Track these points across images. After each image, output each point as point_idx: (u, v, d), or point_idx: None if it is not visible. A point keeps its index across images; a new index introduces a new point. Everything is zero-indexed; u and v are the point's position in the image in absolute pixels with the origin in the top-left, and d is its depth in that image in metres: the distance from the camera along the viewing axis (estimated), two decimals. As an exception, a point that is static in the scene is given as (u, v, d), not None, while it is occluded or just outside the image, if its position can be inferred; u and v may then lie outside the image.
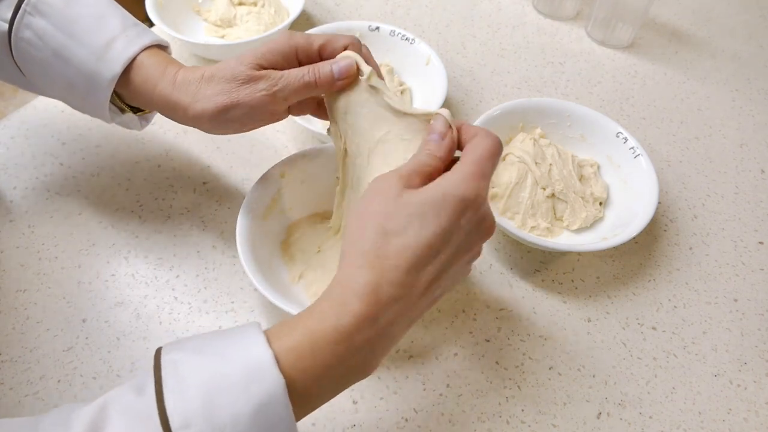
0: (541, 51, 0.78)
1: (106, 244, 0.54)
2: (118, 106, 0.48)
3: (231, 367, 0.30)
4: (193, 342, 0.32)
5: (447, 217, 0.33)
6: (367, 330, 0.32)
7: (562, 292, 0.55)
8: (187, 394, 0.29)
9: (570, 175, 0.58)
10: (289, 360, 0.31)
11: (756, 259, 0.59)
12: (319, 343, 0.31)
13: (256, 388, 0.29)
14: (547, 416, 0.47)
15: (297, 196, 0.54)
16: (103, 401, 0.29)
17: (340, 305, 0.32)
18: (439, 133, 0.38)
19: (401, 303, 0.33)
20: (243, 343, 0.31)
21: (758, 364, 0.51)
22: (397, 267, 0.32)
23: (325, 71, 0.42)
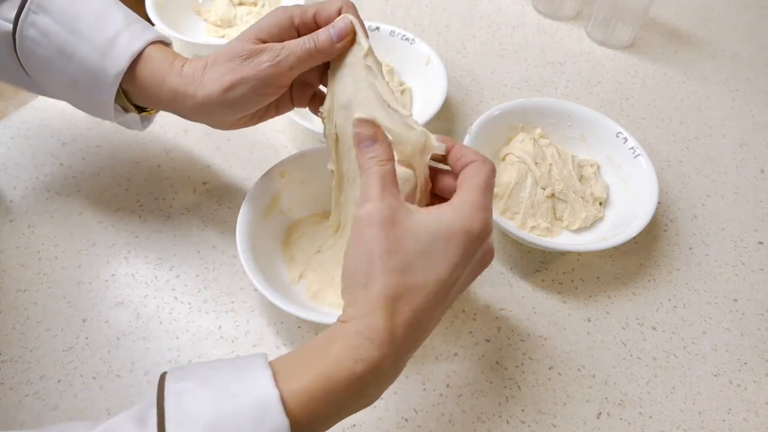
0: (541, 51, 0.78)
1: (106, 244, 0.54)
2: (122, 105, 0.48)
3: (236, 404, 0.29)
4: (198, 372, 0.32)
5: (455, 253, 0.33)
6: (380, 373, 0.32)
7: (562, 292, 0.55)
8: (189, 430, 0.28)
9: (570, 175, 0.58)
10: (299, 401, 0.30)
11: (756, 259, 0.59)
12: (333, 389, 0.31)
13: (260, 429, 0.29)
14: (547, 416, 0.47)
15: (297, 196, 0.54)
16: (105, 429, 0.29)
17: (357, 351, 0.32)
18: (369, 137, 0.38)
19: (414, 341, 0.34)
20: (250, 380, 0.31)
21: (758, 364, 0.51)
22: (409, 307, 0.33)
23: (324, 35, 0.42)
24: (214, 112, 0.45)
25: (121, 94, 0.46)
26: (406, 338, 0.33)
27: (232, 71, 0.42)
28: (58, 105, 0.65)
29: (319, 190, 0.54)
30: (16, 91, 1.75)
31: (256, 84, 0.42)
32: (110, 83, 0.44)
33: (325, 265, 0.51)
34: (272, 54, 0.42)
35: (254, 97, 0.43)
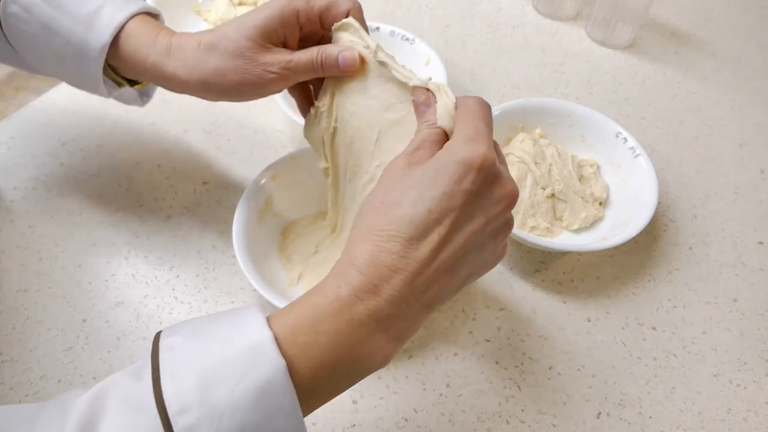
0: (541, 51, 0.78)
1: (107, 244, 0.54)
2: (113, 79, 0.47)
3: (229, 350, 0.29)
4: (191, 326, 0.31)
5: (444, 181, 0.32)
6: (369, 300, 0.31)
7: (562, 292, 0.55)
8: (184, 380, 0.28)
9: (570, 175, 0.58)
10: (289, 336, 0.30)
11: (756, 259, 0.59)
12: (320, 316, 0.30)
13: (255, 372, 0.28)
14: (547, 416, 0.47)
15: (290, 198, 0.54)
16: (101, 388, 0.29)
17: (340, 277, 0.32)
18: (423, 103, 0.37)
19: (404, 273, 0.31)
20: (241, 326, 0.30)
21: (758, 364, 0.51)
22: (394, 237, 0.31)
23: (332, 57, 0.41)
24: (208, 97, 0.44)
25: (109, 69, 0.45)
26: (394, 268, 0.31)
27: (236, 70, 0.41)
28: (58, 105, 0.65)
29: (311, 191, 0.54)
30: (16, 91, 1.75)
31: (258, 88, 0.42)
32: (95, 57, 0.43)
33: (323, 265, 0.51)
34: (279, 66, 0.41)
35: (251, 96, 0.43)
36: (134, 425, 0.27)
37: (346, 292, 0.31)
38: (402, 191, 0.32)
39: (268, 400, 0.28)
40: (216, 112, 0.66)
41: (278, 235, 0.53)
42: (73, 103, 0.65)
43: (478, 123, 0.34)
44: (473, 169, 0.32)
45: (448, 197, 0.32)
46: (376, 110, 0.42)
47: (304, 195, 0.54)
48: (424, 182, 0.32)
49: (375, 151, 0.43)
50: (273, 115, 0.66)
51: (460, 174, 0.32)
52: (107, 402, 0.28)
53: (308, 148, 0.54)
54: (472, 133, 0.33)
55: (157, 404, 0.27)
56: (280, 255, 0.52)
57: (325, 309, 0.30)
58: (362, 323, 0.31)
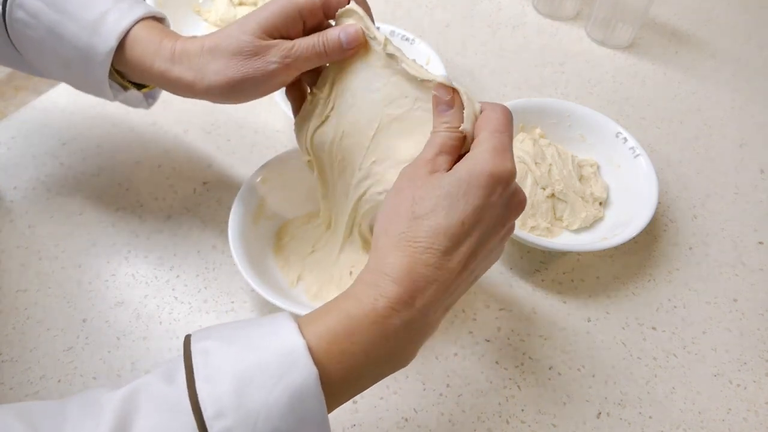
0: (541, 51, 0.78)
1: (107, 243, 0.54)
2: (119, 83, 0.47)
3: (263, 356, 0.29)
4: (222, 331, 0.32)
5: (476, 194, 0.33)
6: (404, 313, 0.32)
7: (562, 292, 0.55)
8: (219, 384, 0.28)
9: (570, 175, 0.58)
10: (323, 344, 0.30)
11: (756, 259, 0.59)
12: (355, 326, 0.31)
13: (288, 379, 0.28)
14: (547, 416, 0.47)
15: (280, 200, 0.54)
16: (134, 388, 0.29)
17: (375, 288, 0.32)
18: (446, 103, 0.37)
19: (436, 285, 0.32)
20: (274, 332, 0.31)
21: (758, 364, 0.51)
22: (429, 248, 0.32)
23: (333, 39, 0.41)
24: (215, 100, 0.44)
25: (115, 72, 0.45)
26: (428, 277, 0.32)
27: (237, 67, 0.41)
28: (58, 105, 0.65)
29: (301, 191, 0.54)
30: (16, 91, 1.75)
31: (261, 82, 0.42)
32: (101, 62, 0.43)
33: (321, 263, 0.51)
34: (280, 55, 0.41)
35: (257, 93, 0.43)
36: (168, 426, 0.28)
37: (383, 304, 0.31)
38: (433, 201, 0.33)
39: (300, 406, 0.28)
40: (216, 112, 0.66)
41: (272, 239, 0.53)
42: (73, 103, 0.65)
43: (505, 136, 0.35)
44: (502, 183, 0.33)
45: (480, 210, 0.33)
46: (377, 104, 0.41)
47: (295, 196, 0.54)
48: (456, 193, 0.33)
49: (370, 146, 0.42)
50: (273, 115, 0.66)
51: (491, 188, 0.33)
52: (140, 402, 0.28)
53: (295, 149, 0.54)
54: (499, 145, 0.34)
55: (192, 407, 0.28)
56: (276, 257, 0.52)
57: (361, 320, 0.31)
58: (396, 333, 0.32)
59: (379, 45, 0.40)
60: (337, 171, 0.46)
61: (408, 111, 0.40)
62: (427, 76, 0.38)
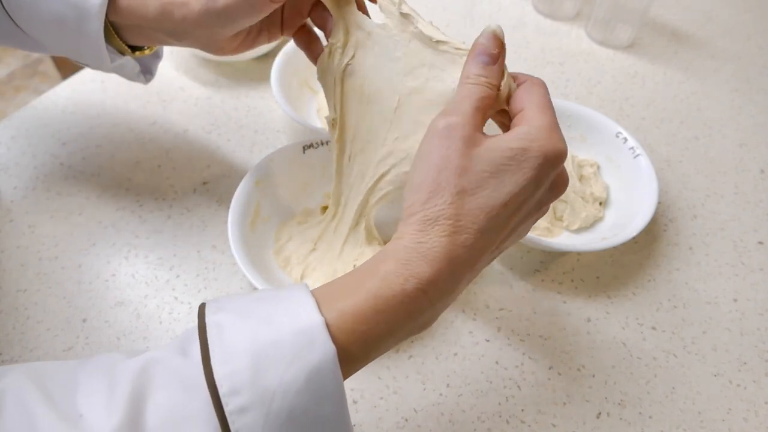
0: (541, 51, 0.78)
1: (107, 244, 0.54)
2: (116, 46, 0.45)
3: (280, 333, 0.28)
4: (237, 303, 0.31)
5: (526, 175, 0.31)
6: (432, 293, 0.31)
7: (562, 292, 0.55)
8: (235, 362, 0.27)
9: (570, 175, 0.58)
10: (347, 323, 0.29)
11: (756, 259, 0.59)
12: (382, 306, 0.30)
13: (305, 357, 0.28)
14: (547, 416, 0.47)
15: (274, 201, 0.54)
16: (147, 359, 0.29)
17: (407, 267, 0.30)
18: (489, 55, 0.33)
19: (468, 265, 0.31)
20: (292, 308, 0.30)
21: (758, 364, 0.51)
22: (469, 229, 0.31)
23: None
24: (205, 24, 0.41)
25: (111, 32, 0.44)
26: (463, 260, 0.31)
27: None
28: (58, 105, 0.65)
29: (293, 191, 0.54)
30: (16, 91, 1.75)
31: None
32: (95, 14, 0.42)
33: (323, 260, 0.51)
34: None
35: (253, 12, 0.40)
36: (183, 402, 0.27)
37: (413, 285, 0.30)
38: (480, 176, 0.31)
39: (316, 385, 0.28)
40: (216, 112, 0.66)
41: (270, 241, 0.53)
42: (73, 103, 0.65)
43: (553, 113, 0.33)
44: (555, 165, 0.32)
45: (526, 192, 0.31)
46: (398, 74, 0.39)
47: (287, 196, 0.55)
48: (506, 171, 0.31)
49: (394, 120, 0.40)
50: (273, 115, 0.66)
51: (543, 169, 0.31)
52: (155, 375, 0.28)
53: (283, 147, 0.53)
54: (553, 124, 0.32)
55: (207, 383, 0.27)
56: (277, 258, 0.52)
57: (388, 301, 0.30)
58: (422, 313, 0.31)
59: (393, 4, 0.38)
60: (360, 143, 0.43)
61: (426, 81, 0.38)
62: (442, 37, 0.36)
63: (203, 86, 0.68)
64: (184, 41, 0.44)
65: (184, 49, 0.72)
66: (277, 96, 0.59)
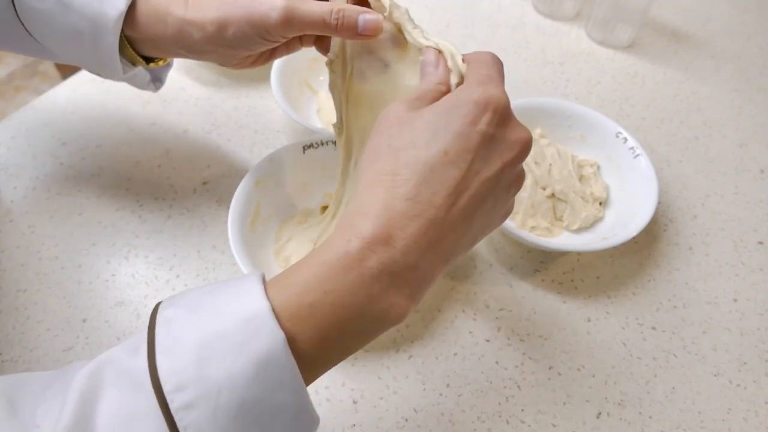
0: (541, 51, 0.78)
1: (107, 244, 0.54)
2: (129, 57, 0.46)
3: (225, 323, 0.27)
4: (189, 296, 0.30)
5: (459, 121, 0.30)
6: (382, 252, 0.28)
7: (562, 292, 0.55)
8: (179, 357, 0.26)
9: (570, 175, 0.58)
10: (293, 301, 0.28)
11: (756, 259, 0.59)
12: (326, 272, 0.28)
13: (252, 346, 0.26)
14: (547, 416, 0.47)
15: (274, 201, 0.54)
16: (99, 362, 0.28)
17: (349, 228, 0.29)
18: (431, 63, 0.35)
19: (421, 220, 0.29)
20: (239, 296, 0.28)
21: (758, 364, 0.51)
22: (408, 180, 0.29)
23: (350, 20, 0.38)
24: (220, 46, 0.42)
25: (125, 44, 0.45)
26: (408, 212, 0.29)
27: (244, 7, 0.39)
28: (58, 105, 0.65)
29: (293, 191, 0.54)
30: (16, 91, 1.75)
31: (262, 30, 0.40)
32: (111, 28, 0.42)
33: None
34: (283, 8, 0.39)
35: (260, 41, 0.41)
36: (131, 403, 0.26)
37: (357, 245, 0.28)
38: (412, 133, 0.31)
39: (267, 374, 0.26)
40: (216, 112, 0.66)
41: (270, 242, 0.53)
42: (73, 103, 0.65)
43: (491, 71, 0.33)
44: (489, 109, 0.31)
45: (464, 138, 0.30)
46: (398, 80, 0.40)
47: (286, 196, 0.55)
48: (436, 123, 0.30)
49: None
50: (273, 115, 0.66)
51: (476, 114, 0.30)
52: (105, 378, 0.27)
53: (282, 147, 0.53)
54: (484, 78, 0.32)
55: (152, 382, 0.26)
56: (277, 258, 0.52)
57: (333, 265, 0.28)
58: (374, 277, 0.28)
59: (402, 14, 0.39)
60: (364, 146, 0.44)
61: None
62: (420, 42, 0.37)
63: (203, 86, 0.68)
64: (200, 57, 0.45)
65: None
66: (277, 96, 0.59)
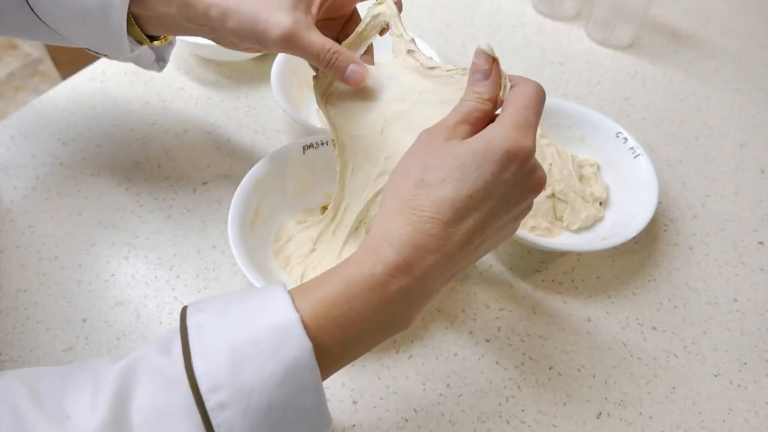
0: (541, 51, 0.78)
1: (106, 244, 0.54)
2: (135, 36, 0.46)
3: (256, 331, 0.29)
4: (216, 303, 0.32)
5: (489, 169, 0.32)
6: (403, 279, 0.32)
7: (562, 292, 0.55)
8: (214, 359, 0.29)
9: (570, 175, 0.58)
10: (320, 312, 0.30)
11: (756, 259, 0.59)
12: (353, 291, 0.31)
13: (281, 353, 0.29)
14: (547, 416, 0.47)
15: (274, 201, 0.54)
16: (131, 361, 0.30)
17: (375, 253, 0.32)
18: (482, 72, 0.35)
19: (438, 254, 0.32)
20: (268, 306, 0.31)
21: (758, 364, 0.51)
22: (433, 219, 0.32)
23: (341, 65, 0.42)
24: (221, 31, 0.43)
25: (132, 22, 0.45)
26: (429, 247, 0.32)
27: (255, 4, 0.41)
28: (58, 105, 0.65)
29: (293, 191, 0.54)
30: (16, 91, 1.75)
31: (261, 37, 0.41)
32: (119, 5, 0.43)
33: (323, 260, 0.51)
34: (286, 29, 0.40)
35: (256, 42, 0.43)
36: (166, 400, 0.28)
37: (381, 270, 0.31)
38: (444, 171, 0.32)
39: (294, 379, 0.29)
40: (216, 112, 0.66)
41: (270, 242, 0.53)
42: (73, 103, 0.65)
43: (530, 112, 0.34)
44: (517, 161, 0.33)
45: (490, 186, 0.32)
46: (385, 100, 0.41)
47: (289, 195, 0.55)
48: (468, 165, 0.32)
49: (381, 141, 0.42)
50: (273, 115, 0.66)
51: (504, 164, 0.32)
52: (138, 375, 0.29)
53: (282, 147, 0.54)
54: (521, 121, 0.33)
55: (189, 381, 0.28)
56: (277, 258, 0.52)
57: (359, 285, 0.31)
58: (393, 299, 0.32)
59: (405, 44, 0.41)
60: (359, 160, 0.45)
61: (411, 106, 0.40)
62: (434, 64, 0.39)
63: (203, 86, 0.68)
64: (198, 31, 0.45)
65: (184, 49, 0.72)
66: (277, 96, 0.59)
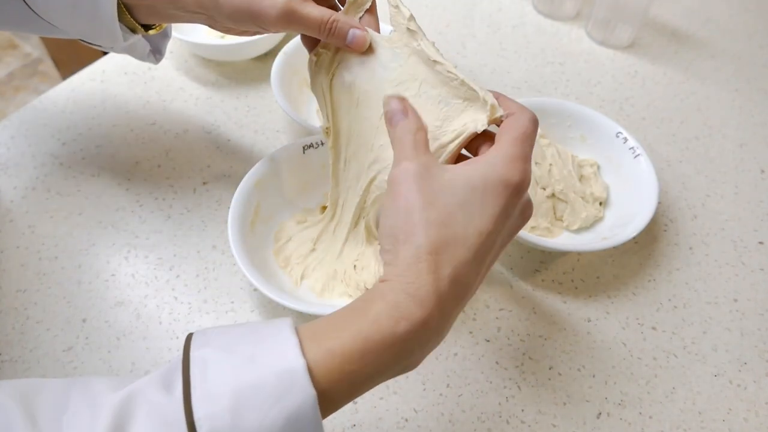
0: (541, 51, 0.78)
1: (106, 244, 0.54)
2: (128, 24, 0.46)
3: (261, 375, 0.29)
4: (222, 336, 0.31)
5: (494, 204, 0.32)
6: (422, 334, 0.31)
7: (562, 292, 0.55)
8: (215, 402, 0.28)
9: (570, 175, 0.58)
10: (334, 363, 0.29)
11: (756, 259, 0.59)
12: (371, 349, 0.30)
13: (285, 401, 0.28)
14: (547, 416, 0.47)
15: (274, 201, 0.54)
16: (130, 393, 0.29)
17: (397, 309, 0.30)
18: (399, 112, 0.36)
19: (458, 301, 0.32)
20: (275, 348, 0.30)
21: (758, 364, 0.51)
22: (451, 261, 0.31)
23: (341, 31, 0.41)
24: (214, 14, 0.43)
25: (123, 10, 0.44)
26: (451, 295, 0.31)
27: None
28: (58, 105, 0.65)
29: (293, 191, 0.54)
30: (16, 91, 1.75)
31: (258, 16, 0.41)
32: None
33: (323, 261, 0.51)
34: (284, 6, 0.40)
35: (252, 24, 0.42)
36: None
37: (404, 329, 0.30)
38: (448, 209, 0.32)
39: (295, 428, 0.28)
40: (216, 112, 0.66)
41: (270, 242, 0.53)
42: (73, 103, 0.65)
43: (526, 145, 0.34)
44: (519, 195, 0.33)
45: (497, 220, 0.32)
46: (389, 82, 0.40)
47: (289, 195, 0.55)
48: (472, 202, 0.32)
49: (380, 126, 0.41)
50: (273, 115, 0.66)
51: (507, 197, 0.33)
52: (137, 411, 0.28)
53: (282, 147, 0.53)
54: (518, 154, 0.34)
55: (187, 423, 0.27)
56: (277, 258, 0.52)
57: (378, 343, 0.30)
58: (410, 351, 0.31)
59: (403, 18, 0.40)
60: (353, 147, 0.44)
61: (414, 96, 0.39)
62: (439, 58, 0.38)
63: (203, 86, 0.68)
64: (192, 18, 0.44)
65: (184, 48, 0.72)
66: (277, 96, 0.59)
